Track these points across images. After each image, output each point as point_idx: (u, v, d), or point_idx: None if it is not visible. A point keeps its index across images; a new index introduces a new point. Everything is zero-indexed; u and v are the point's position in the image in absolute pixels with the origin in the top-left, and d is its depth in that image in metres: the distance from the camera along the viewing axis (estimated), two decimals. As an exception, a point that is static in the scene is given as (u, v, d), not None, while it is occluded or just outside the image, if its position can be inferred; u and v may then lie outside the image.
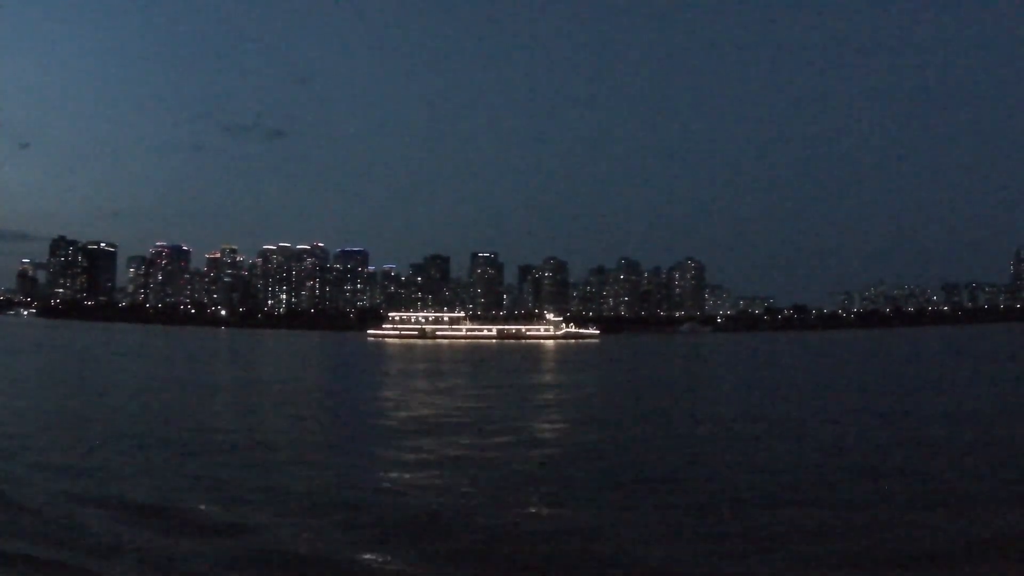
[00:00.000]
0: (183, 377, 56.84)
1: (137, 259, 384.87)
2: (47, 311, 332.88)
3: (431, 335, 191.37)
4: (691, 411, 36.24)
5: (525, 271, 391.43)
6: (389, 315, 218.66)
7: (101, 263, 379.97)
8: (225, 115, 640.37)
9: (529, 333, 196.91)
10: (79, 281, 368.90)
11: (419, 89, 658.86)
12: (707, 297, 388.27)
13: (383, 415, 35.16)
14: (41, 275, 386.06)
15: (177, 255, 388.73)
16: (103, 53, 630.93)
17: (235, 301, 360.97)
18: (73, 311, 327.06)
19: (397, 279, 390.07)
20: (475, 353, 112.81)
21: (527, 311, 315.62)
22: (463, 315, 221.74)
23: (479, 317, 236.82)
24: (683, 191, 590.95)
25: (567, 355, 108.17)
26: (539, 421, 33.28)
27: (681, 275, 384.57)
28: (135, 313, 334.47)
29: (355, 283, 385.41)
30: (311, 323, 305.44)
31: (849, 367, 72.40)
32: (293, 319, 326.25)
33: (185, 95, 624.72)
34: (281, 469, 21.78)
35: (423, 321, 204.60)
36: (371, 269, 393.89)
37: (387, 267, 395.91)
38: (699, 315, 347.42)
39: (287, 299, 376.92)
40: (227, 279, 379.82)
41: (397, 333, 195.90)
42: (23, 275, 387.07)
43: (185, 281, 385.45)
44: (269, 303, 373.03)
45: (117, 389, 46.12)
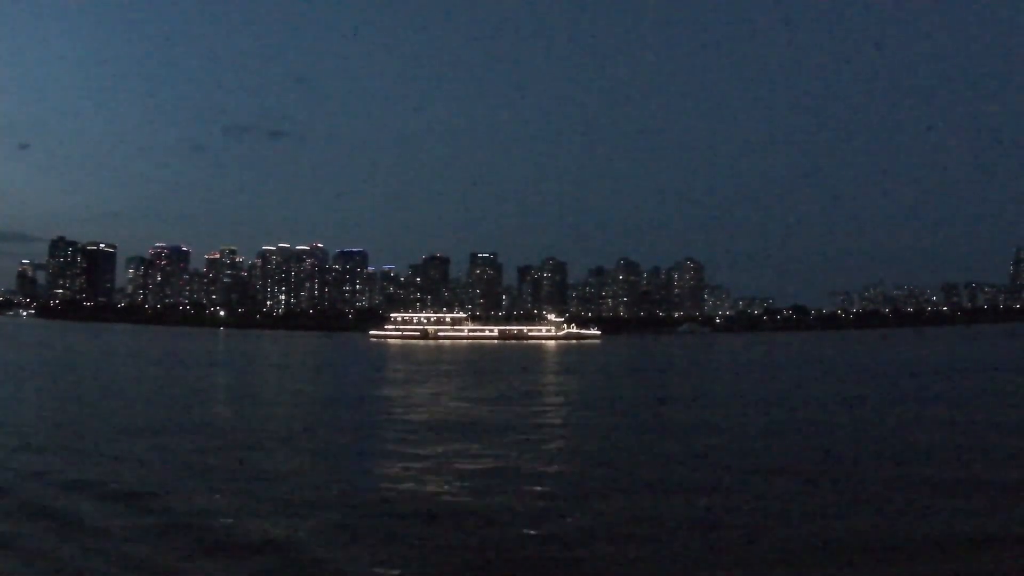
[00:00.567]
0: (181, 379, 56.67)
1: (136, 260, 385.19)
2: (46, 312, 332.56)
3: (433, 336, 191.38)
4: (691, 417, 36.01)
5: (524, 272, 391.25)
6: (391, 316, 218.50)
7: (100, 264, 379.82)
8: (225, 116, 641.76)
9: (531, 334, 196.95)
10: (78, 282, 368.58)
11: (418, 90, 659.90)
12: (706, 297, 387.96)
13: (385, 417, 34.83)
14: (41, 276, 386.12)
15: (176, 256, 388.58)
16: (103, 54, 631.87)
17: (234, 302, 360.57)
18: (72, 311, 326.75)
19: (396, 280, 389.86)
20: (477, 354, 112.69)
21: (527, 312, 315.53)
22: (465, 316, 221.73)
23: (481, 318, 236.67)
24: (682, 191, 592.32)
25: (569, 356, 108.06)
26: (542, 424, 33.02)
27: (680, 275, 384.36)
28: (134, 314, 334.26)
29: (354, 284, 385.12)
30: (309, 324, 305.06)
31: (840, 370, 71.87)
32: (291, 320, 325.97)
33: (185, 96, 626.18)
34: (281, 474, 21.46)
35: (425, 322, 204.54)
36: (370, 270, 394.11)
37: (386, 268, 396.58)
38: (698, 315, 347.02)
39: (286, 300, 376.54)
40: (226, 280, 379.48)
41: (399, 334, 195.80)
42: (23, 276, 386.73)
43: (184, 282, 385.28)
44: (268, 304, 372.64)
45: (98, 390, 45.95)
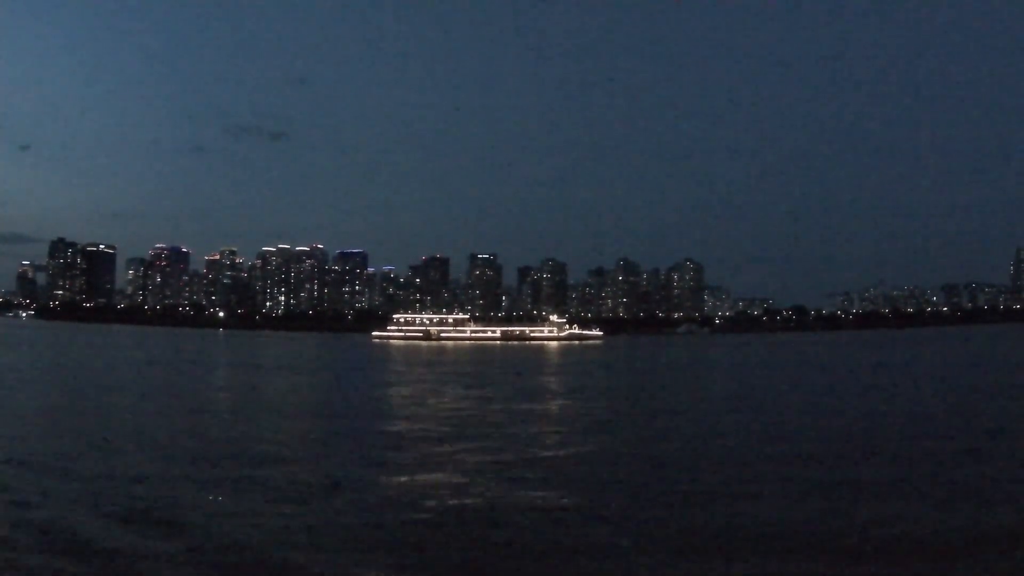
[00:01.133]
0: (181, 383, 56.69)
1: (136, 261, 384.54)
2: (45, 312, 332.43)
3: (435, 337, 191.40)
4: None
5: (524, 272, 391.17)
6: (393, 317, 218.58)
7: (100, 265, 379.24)
8: (225, 116, 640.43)
9: (533, 334, 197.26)
10: (78, 283, 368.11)
11: (418, 91, 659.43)
12: (706, 298, 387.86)
13: (389, 422, 34.40)
14: (41, 277, 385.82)
15: (176, 257, 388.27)
16: (103, 55, 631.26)
17: (233, 303, 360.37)
18: (71, 312, 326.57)
19: (396, 280, 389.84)
20: (480, 354, 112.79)
21: (526, 312, 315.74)
22: (467, 317, 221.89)
23: (483, 318, 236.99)
24: (682, 192, 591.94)
25: (572, 356, 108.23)
26: (546, 428, 32.63)
27: (680, 276, 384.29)
28: (133, 315, 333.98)
29: (354, 284, 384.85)
30: (309, 325, 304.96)
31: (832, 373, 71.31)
32: (291, 321, 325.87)
33: (185, 96, 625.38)
34: (280, 476, 21.13)
35: (427, 323, 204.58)
36: (370, 270, 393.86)
37: (386, 268, 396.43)
38: (698, 316, 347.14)
39: (286, 301, 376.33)
40: (226, 281, 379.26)
41: (402, 335, 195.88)
42: (23, 277, 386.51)
43: (184, 283, 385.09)
44: (268, 305, 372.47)
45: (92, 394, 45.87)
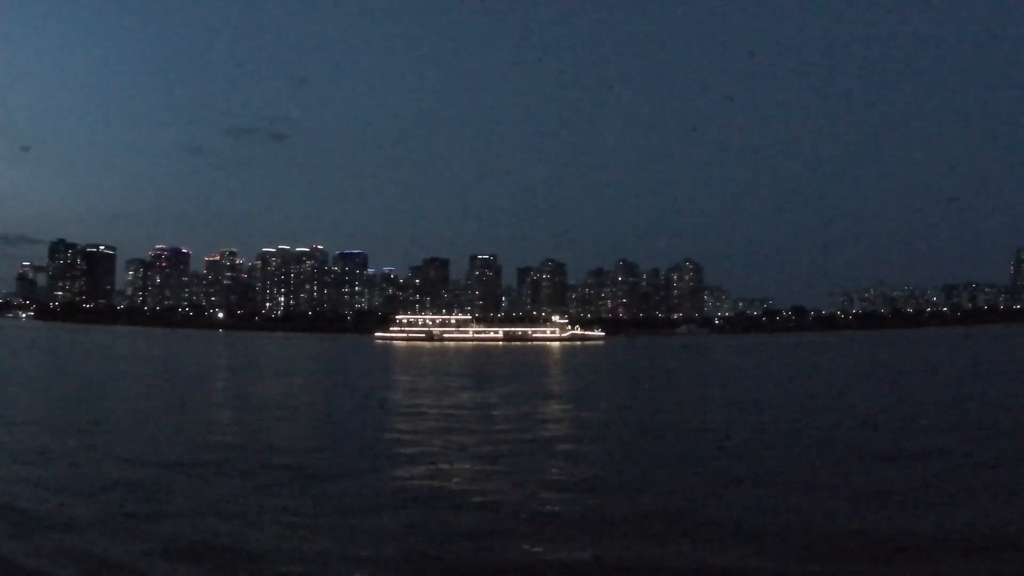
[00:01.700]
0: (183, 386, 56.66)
1: (136, 262, 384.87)
2: (45, 314, 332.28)
3: (438, 337, 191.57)
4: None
5: (523, 273, 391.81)
6: (396, 318, 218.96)
7: (100, 266, 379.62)
8: (225, 117, 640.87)
9: (535, 335, 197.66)
10: (78, 284, 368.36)
11: (418, 92, 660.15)
12: (706, 299, 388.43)
13: (393, 422, 33.67)
14: (41, 278, 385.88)
15: (176, 258, 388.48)
16: (103, 56, 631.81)
17: (233, 304, 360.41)
18: (71, 314, 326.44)
19: (396, 281, 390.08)
20: (483, 356, 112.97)
21: (526, 313, 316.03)
22: (470, 317, 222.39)
23: (485, 319, 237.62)
24: (681, 193, 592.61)
25: (574, 357, 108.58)
26: (550, 432, 31.06)
27: (680, 277, 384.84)
28: (133, 316, 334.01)
29: (354, 285, 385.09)
30: (308, 325, 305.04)
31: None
32: (290, 321, 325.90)
33: (185, 98, 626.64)
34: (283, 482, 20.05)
35: (430, 323, 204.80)
36: (370, 271, 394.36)
37: (386, 269, 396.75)
38: (697, 317, 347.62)
39: (286, 301, 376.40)
40: (226, 282, 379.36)
41: (404, 336, 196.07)
42: (23, 278, 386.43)
43: (184, 284, 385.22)
44: (267, 305, 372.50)
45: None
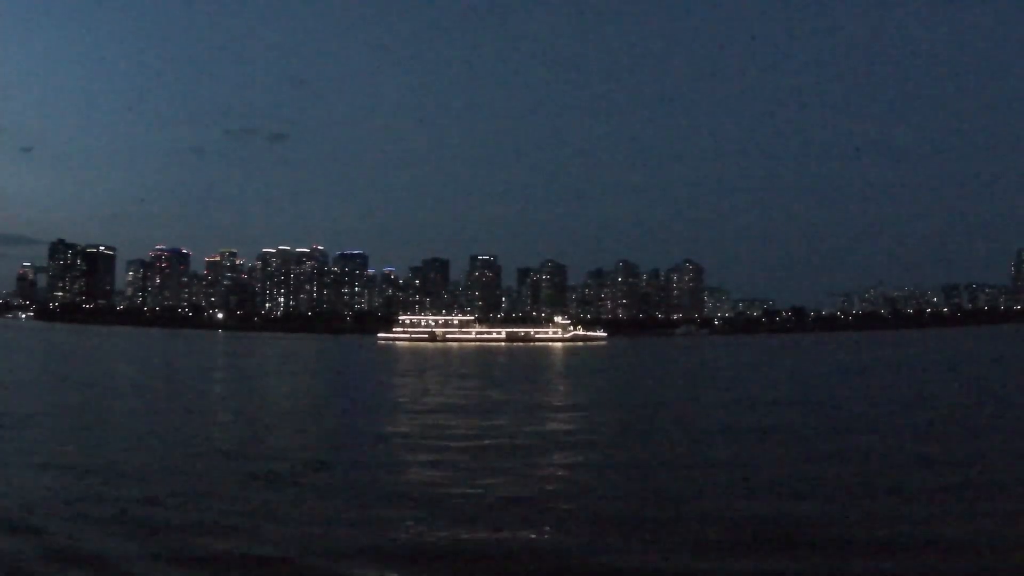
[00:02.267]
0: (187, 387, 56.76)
1: (136, 262, 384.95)
2: (45, 314, 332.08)
3: (441, 338, 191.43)
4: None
5: (524, 274, 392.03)
6: (399, 318, 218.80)
7: (100, 266, 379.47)
8: (225, 118, 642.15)
9: (538, 336, 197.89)
10: (78, 284, 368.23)
11: (419, 93, 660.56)
12: (706, 299, 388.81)
13: (395, 422, 33.48)
14: (41, 278, 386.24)
15: (176, 258, 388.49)
16: (104, 58, 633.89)
17: (233, 304, 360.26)
18: (71, 314, 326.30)
19: (396, 282, 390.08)
20: (487, 356, 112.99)
21: (526, 313, 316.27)
22: (472, 318, 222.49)
23: (488, 320, 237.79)
24: (681, 193, 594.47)
25: (578, 357, 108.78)
26: (555, 438, 29.33)
27: (679, 277, 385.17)
28: (133, 316, 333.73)
29: (354, 286, 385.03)
30: (308, 326, 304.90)
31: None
32: (289, 322, 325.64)
33: (185, 98, 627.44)
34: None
35: (432, 324, 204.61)
36: (370, 272, 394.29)
37: (387, 270, 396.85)
38: (697, 317, 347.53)
39: (285, 302, 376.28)
40: (226, 282, 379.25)
41: (407, 336, 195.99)
42: (23, 278, 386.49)
43: (184, 284, 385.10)
44: (267, 306, 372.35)
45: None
